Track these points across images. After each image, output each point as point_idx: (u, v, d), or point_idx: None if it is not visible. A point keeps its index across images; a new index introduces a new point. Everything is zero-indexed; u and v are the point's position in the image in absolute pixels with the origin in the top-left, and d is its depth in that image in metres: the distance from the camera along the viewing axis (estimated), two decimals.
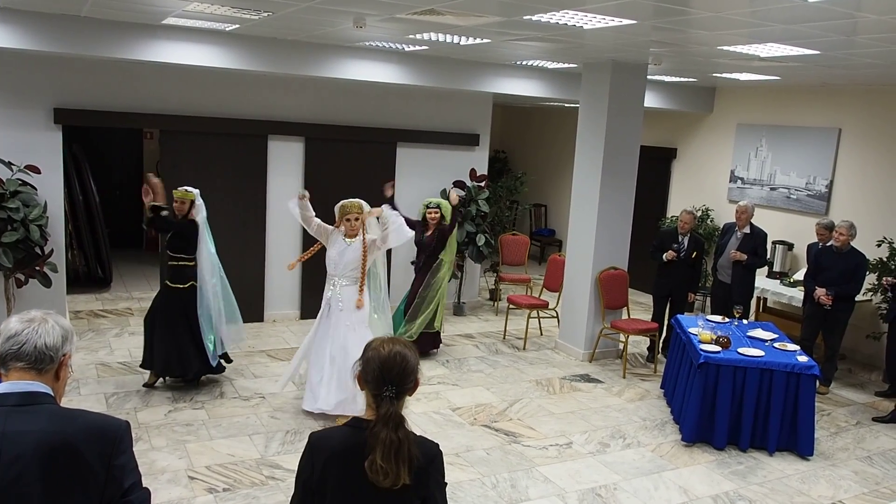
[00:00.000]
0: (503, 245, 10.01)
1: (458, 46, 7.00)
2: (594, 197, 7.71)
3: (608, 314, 7.85)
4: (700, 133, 10.49)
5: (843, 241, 6.95)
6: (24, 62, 7.09)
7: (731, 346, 5.99)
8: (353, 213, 5.84)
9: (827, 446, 6.03)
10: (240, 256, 8.27)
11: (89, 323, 8.08)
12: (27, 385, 1.95)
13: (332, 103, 8.55)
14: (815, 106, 8.92)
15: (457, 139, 9.31)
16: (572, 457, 5.56)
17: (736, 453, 5.77)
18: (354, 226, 5.84)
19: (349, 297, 5.86)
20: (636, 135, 7.78)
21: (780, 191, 9.29)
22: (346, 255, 5.85)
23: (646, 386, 7.24)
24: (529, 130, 14.09)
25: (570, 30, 5.53)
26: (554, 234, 13.31)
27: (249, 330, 8.20)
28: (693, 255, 7.73)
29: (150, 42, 6.78)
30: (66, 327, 2.04)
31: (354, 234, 5.87)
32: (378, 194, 7.30)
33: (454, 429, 5.93)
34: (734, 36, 5.40)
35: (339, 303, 5.85)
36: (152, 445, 5.28)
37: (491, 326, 9.04)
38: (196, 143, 7.96)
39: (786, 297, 8.24)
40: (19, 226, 6.69)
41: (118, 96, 7.58)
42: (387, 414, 2.09)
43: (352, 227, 5.84)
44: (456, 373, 7.27)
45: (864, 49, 5.61)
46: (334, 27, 6.23)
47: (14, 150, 7.09)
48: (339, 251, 5.87)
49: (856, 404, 7.09)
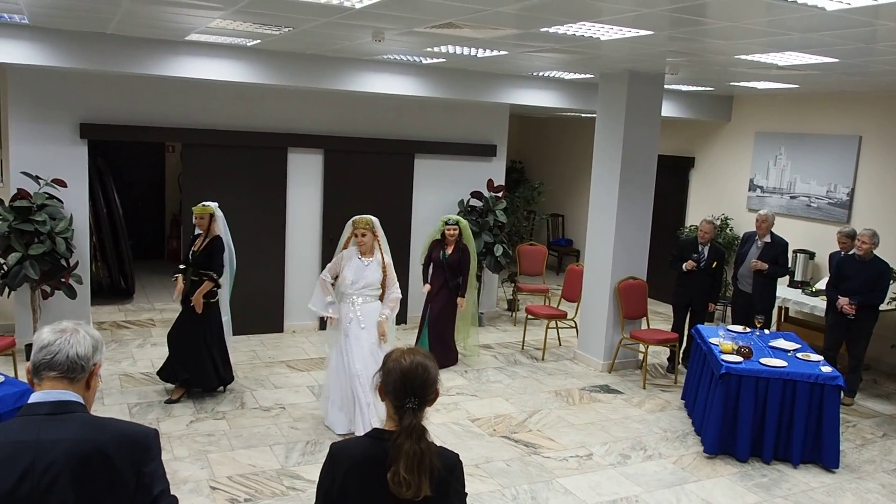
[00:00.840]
0: (521, 255, 10.01)
1: (476, 58, 7.04)
2: (612, 206, 7.70)
3: (627, 324, 7.83)
4: (718, 142, 10.45)
5: (866, 249, 6.89)
6: (52, 78, 7.24)
7: (752, 357, 5.95)
8: (360, 229, 5.81)
9: (853, 458, 5.96)
10: (259, 268, 8.35)
11: (112, 334, 8.18)
12: (60, 394, 2.00)
13: (350, 116, 8.63)
14: (834, 114, 8.86)
15: (474, 150, 9.35)
16: (593, 468, 5.54)
17: (759, 465, 5.72)
18: (363, 241, 5.79)
19: (371, 314, 5.85)
20: (654, 144, 7.78)
21: (801, 199, 9.23)
22: (366, 275, 5.80)
23: (666, 397, 7.20)
24: (546, 140, 14.11)
25: (587, 41, 5.56)
26: (572, 243, 13.29)
27: (269, 340, 8.28)
28: (713, 264, 7.69)
29: (173, 58, 6.90)
30: (96, 337, 2.09)
31: (367, 250, 5.84)
32: (395, 205, 7.37)
33: (473, 440, 5.93)
34: (751, 45, 5.40)
35: (360, 321, 5.81)
36: (174, 455, 5.34)
37: (509, 337, 9.04)
38: (217, 156, 8.06)
39: (808, 307, 8.16)
40: (46, 238, 6.81)
41: (142, 111, 7.70)
42: (410, 425, 2.11)
43: (361, 243, 5.81)
44: (475, 383, 7.27)
45: (883, 56, 5.59)
46: (353, 41, 6.30)
47: (41, 165, 7.23)
48: (355, 270, 5.81)
49: (882, 415, 7.01)
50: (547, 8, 4.39)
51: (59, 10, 5.46)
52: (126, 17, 5.61)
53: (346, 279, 5.82)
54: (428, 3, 4.45)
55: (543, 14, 4.60)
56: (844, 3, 3.83)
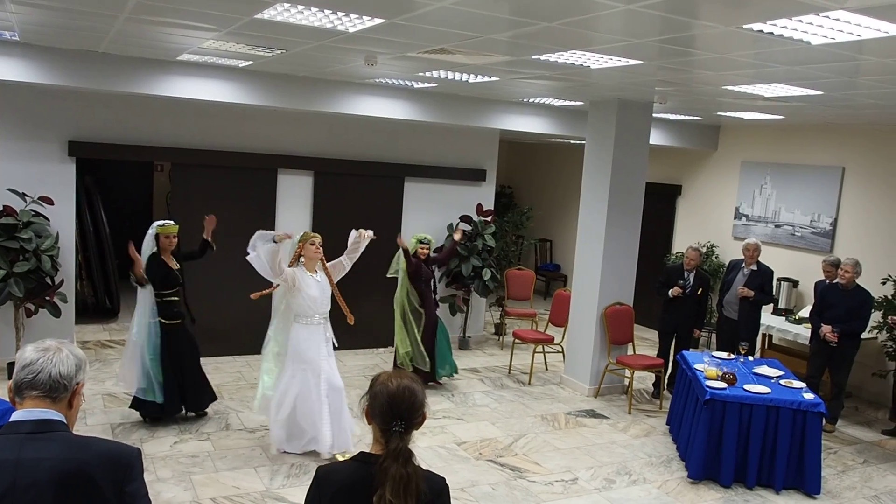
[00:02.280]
0: (509, 279, 10.04)
1: (467, 84, 7.12)
2: (600, 232, 7.76)
3: (614, 350, 7.86)
4: (705, 170, 10.58)
5: (849, 278, 6.98)
6: (42, 96, 7.24)
7: (736, 383, 5.99)
8: (318, 239, 5.88)
9: (834, 485, 5.99)
10: (245, 288, 8.28)
11: (96, 353, 8.11)
12: (42, 413, 1.99)
13: (341, 138, 8.67)
14: (818, 144, 9.01)
15: (464, 174, 9.41)
16: (578, 493, 5.53)
17: (742, 491, 5.73)
18: (318, 249, 5.81)
19: (330, 332, 5.96)
20: (642, 172, 7.87)
21: (785, 228, 9.35)
22: (324, 290, 5.87)
23: (651, 422, 7.21)
24: (536, 166, 14.22)
25: (578, 69, 5.65)
26: (559, 269, 13.35)
27: (255, 362, 8.20)
28: (699, 291, 7.75)
29: (164, 77, 6.92)
30: (79, 356, 2.08)
31: (314, 260, 5.83)
32: (385, 228, 7.36)
33: (459, 463, 5.91)
34: (738, 76, 5.50)
35: (332, 341, 5.95)
36: (158, 477, 5.28)
37: (496, 361, 9.04)
38: (206, 176, 8.06)
39: (791, 334, 8.23)
40: (31, 256, 6.76)
41: (131, 130, 7.71)
42: (396, 449, 2.10)
43: (315, 251, 5.79)
44: (461, 407, 7.26)
45: (866, 90, 5.71)
46: (345, 64, 6.36)
47: (28, 182, 7.20)
48: (318, 289, 5.81)
49: (863, 442, 7.05)
50: (539, 36, 4.47)
51: (51, 27, 5.48)
52: (118, 36, 5.64)
53: (311, 297, 5.74)
54: (421, 29, 4.51)
55: (535, 42, 4.67)
56: (829, 38, 3.92)
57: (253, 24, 4.68)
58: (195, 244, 6.50)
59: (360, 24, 4.46)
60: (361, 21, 4.39)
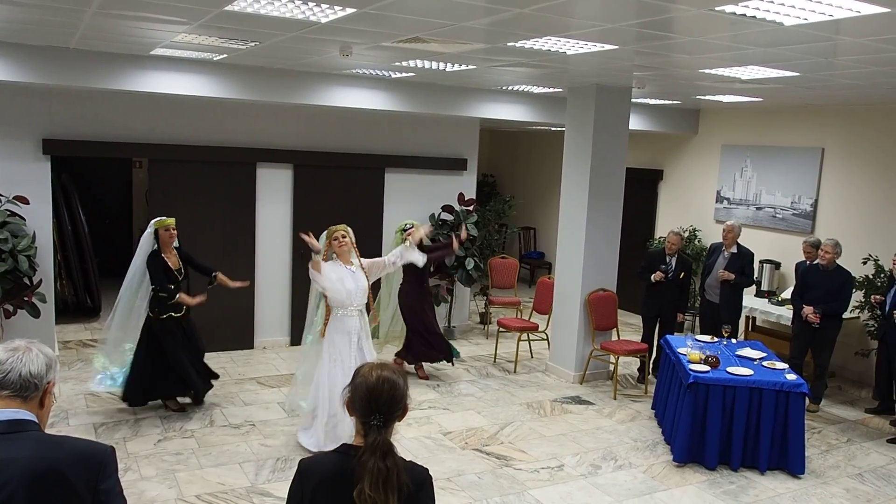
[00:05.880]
0: (492, 268, 10.04)
1: (445, 73, 7.08)
2: (581, 219, 7.76)
3: (598, 336, 7.87)
4: (686, 154, 10.60)
5: (829, 259, 7.02)
6: (13, 93, 7.13)
7: (720, 366, 6.01)
8: (340, 232, 5.76)
9: (818, 464, 6.04)
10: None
11: (78, 353, 8.03)
12: (12, 413, 1.98)
13: (320, 130, 8.61)
14: (798, 126, 9.04)
15: (445, 164, 9.38)
16: (564, 479, 5.55)
17: (727, 473, 5.77)
18: (344, 243, 5.71)
19: (366, 325, 5.84)
20: (622, 157, 7.86)
21: (766, 210, 9.39)
22: (359, 282, 5.74)
23: (637, 407, 7.24)
24: (517, 154, 14.20)
25: (554, 55, 5.62)
26: (543, 256, 13.36)
27: (239, 357, 8.19)
28: (681, 275, 7.78)
29: (138, 72, 6.83)
30: (49, 356, 2.07)
31: (346, 254, 5.76)
32: (366, 220, 7.32)
33: (445, 453, 5.91)
34: (715, 59, 5.50)
35: (360, 331, 5.78)
36: (142, 475, 5.24)
37: (481, 350, 9.04)
38: (185, 171, 7.99)
39: (774, 316, 8.29)
40: (7, 256, 6.66)
41: (107, 126, 7.61)
42: (374, 443, 2.09)
43: (340, 245, 5.71)
44: (447, 397, 7.26)
45: (843, 70, 5.72)
46: (321, 56, 6.30)
47: (3, 181, 7.11)
48: (353, 280, 5.71)
49: (846, 421, 7.11)
50: (514, 23, 4.43)
51: (19, 23, 5.38)
52: (89, 32, 5.55)
53: (347, 289, 5.66)
54: (393, 18, 4.47)
55: (510, 29, 4.64)
56: (802, 19, 3.91)
57: (223, 16, 4.61)
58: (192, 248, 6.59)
59: (331, 13, 4.41)
60: (333, 11, 4.34)
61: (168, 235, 6.23)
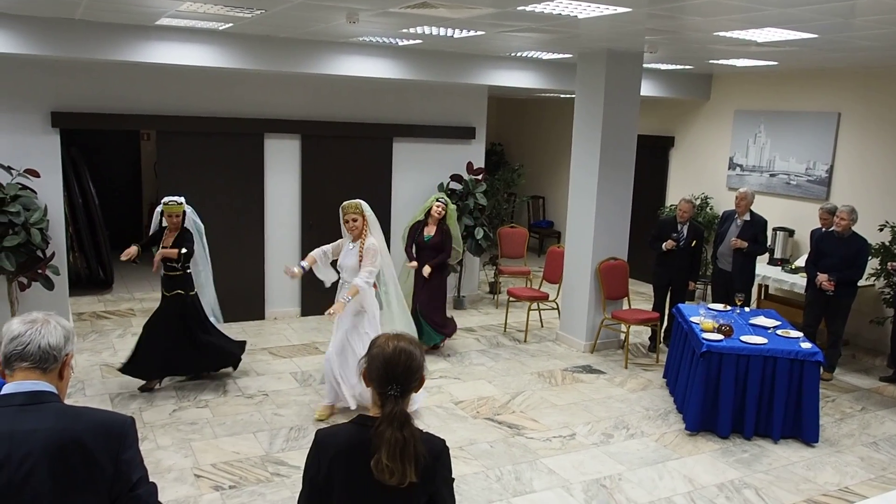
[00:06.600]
0: (502, 238, 10.00)
1: (452, 39, 6.97)
2: (592, 187, 7.69)
3: (609, 305, 7.85)
4: (698, 121, 10.46)
5: (845, 225, 6.93)
6: (21, 66, 7.08)
7: (733, 335, 5.98)
8: (351, 214, 5.80)
9: (832, 433, 6.03)
10: (239, 255, 8.28)
11: (92, 325, 8.09)
12: (33, 384, 1.98)
13: (327, 100, 8.53)
14: (813, 90, 8.89)
15: (453, 133, 9.30)
16: (576, 448, 5.56)
17: (740, 441, 5.77)
18: (353, 227, 5.81)
19: (358, 300, 5.81)
20: (633, 124, 7.76)
21: (780, 177, 9.27)
22: (346, 260, 5.87)
23: (648, 376, 7.23)
24: (525, 122, 14.07)
25: (564, 19, 5.51)
26: (552, 225, 13.30)
27: (251, 328, 8.22)
28: (692, 243, 7.71)
29: (144, 43, 6.76)
30: (67, 327, 2.07)
31: (357, 235, 5.84)
32: (374, 190, 7.25)
33: (457, 422, 5.93)
34: (730, 21, 5.38)
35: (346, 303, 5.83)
36: (158, 444, 5.29)
37: (491, 319, 9.04)
38: (193, 143, 7.95)
39: (787, 284, 8.22)
40: (20, 230, 6.69)
41: (114, 98, 7.56)
42: (391, 413, 2.08)
43: (350, 228, 5.83)
44: (458, 366, 7.27)
45: (861, 31, 5.59)
46: (327, 23, 6.21)
47: (13, 155, 7.10)
48: (344, 256, 5.90)
49: (860, 390, 7.08)
50: None
51: None
52: (93, 2, 5.48)
53: (340, 265, 5.94)
54: None
55: None
56: None
57: None
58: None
59: None
60: None
61: (170, 221, 6.23)
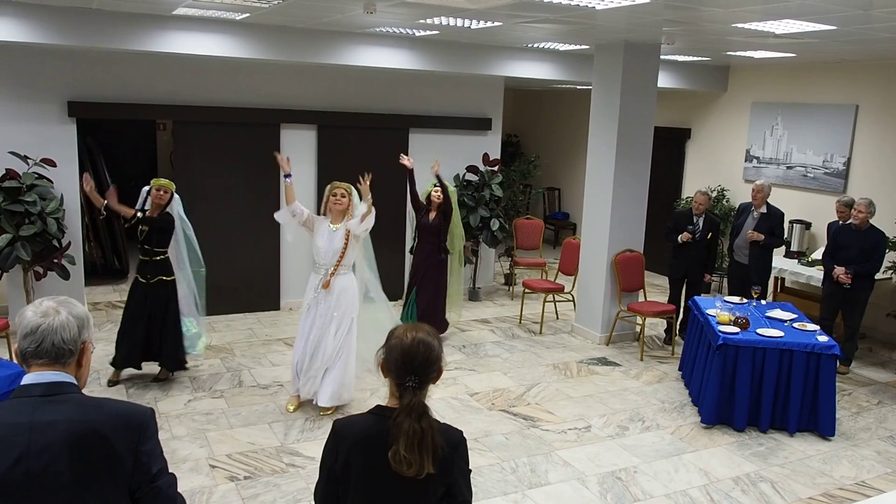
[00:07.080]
0: (517, 229, 9.98)
1: (469, 30, 6.95)
2: (608, 179, 7.65)
3: (624, 297, 7.82)
4: (714, 112, 10.38)
5: (862, 218, 6.87)
6: (38, 56, 7.12)
7: (749, 327, 5.95)
8: (341, 190, 5.69)
9: (848, 426, 5.99)
10: (255, 245, 8.31)
11: (108, 314, 8.14)
12: (52, 375, 1.97)
13: (343, 90, 8.53)
14: (831, 82, 8.80)
15: (469, 124, 9.27)
16: (591, 440, 5.56)
17: (756, 434, 5.75)
18: (340, 202, 5.64)
19: (339, 286, 5.69)
20: (650, 116, 7.71)
21: (797, 169, 9.19)
22: (332, 243, 5.65)
23: (664, 368, 7.21)
24: (541, 113, 14.01)
25: (583, 11, 5.48)
26: (568, 217, 13.26)
27: (266, 318, 8.26)
28: (708, 236, 7.67)
29: (160, 33, 6.78)
30: (80, 315, 2.04)
31: (341, 211, 5.66)
32: (391, 181, 7.25)
33: (472, 414, 5.94)
34: (748, 13, 5.32)
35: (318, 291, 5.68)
36: (173, 435, 5.33)
37: (507, 311, 9.03)
38: (209, 133, 7.97)
39: (804, 277, 8.16)
40: (37, 219, 6.74)
41: (131, 88, 7.59)
42: (409, 404, 2.09)
43: (337, 202, 5.64)
44: (473, 358, 7.28)
45: (880, 23, 5.52)
46: (344, 13, 6.20)
47: (29, 144, 7.14)
48: (326, 239, 5.66)
49: (877, 383, 7.04)
50: None
51: None
52: None
53: (316, 245, 5.69)
54: None
55: None
56: None
57: None
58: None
59: None
60: None
61: (156, 195, 6.15)
